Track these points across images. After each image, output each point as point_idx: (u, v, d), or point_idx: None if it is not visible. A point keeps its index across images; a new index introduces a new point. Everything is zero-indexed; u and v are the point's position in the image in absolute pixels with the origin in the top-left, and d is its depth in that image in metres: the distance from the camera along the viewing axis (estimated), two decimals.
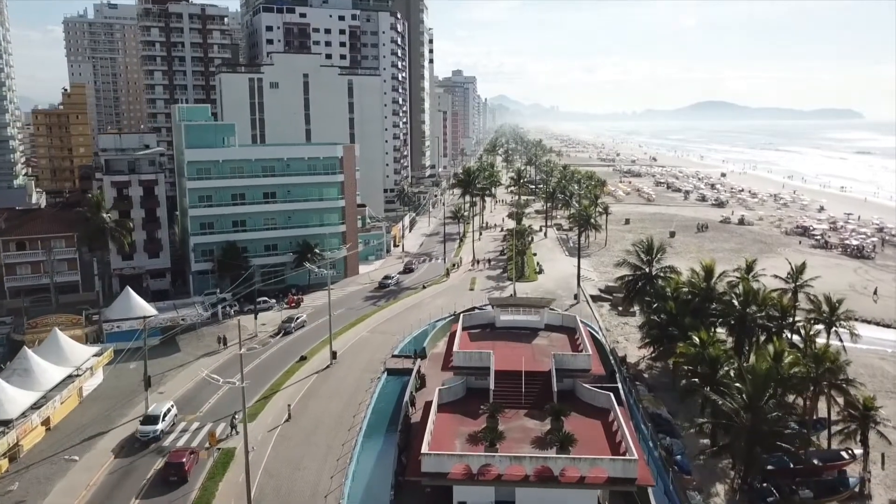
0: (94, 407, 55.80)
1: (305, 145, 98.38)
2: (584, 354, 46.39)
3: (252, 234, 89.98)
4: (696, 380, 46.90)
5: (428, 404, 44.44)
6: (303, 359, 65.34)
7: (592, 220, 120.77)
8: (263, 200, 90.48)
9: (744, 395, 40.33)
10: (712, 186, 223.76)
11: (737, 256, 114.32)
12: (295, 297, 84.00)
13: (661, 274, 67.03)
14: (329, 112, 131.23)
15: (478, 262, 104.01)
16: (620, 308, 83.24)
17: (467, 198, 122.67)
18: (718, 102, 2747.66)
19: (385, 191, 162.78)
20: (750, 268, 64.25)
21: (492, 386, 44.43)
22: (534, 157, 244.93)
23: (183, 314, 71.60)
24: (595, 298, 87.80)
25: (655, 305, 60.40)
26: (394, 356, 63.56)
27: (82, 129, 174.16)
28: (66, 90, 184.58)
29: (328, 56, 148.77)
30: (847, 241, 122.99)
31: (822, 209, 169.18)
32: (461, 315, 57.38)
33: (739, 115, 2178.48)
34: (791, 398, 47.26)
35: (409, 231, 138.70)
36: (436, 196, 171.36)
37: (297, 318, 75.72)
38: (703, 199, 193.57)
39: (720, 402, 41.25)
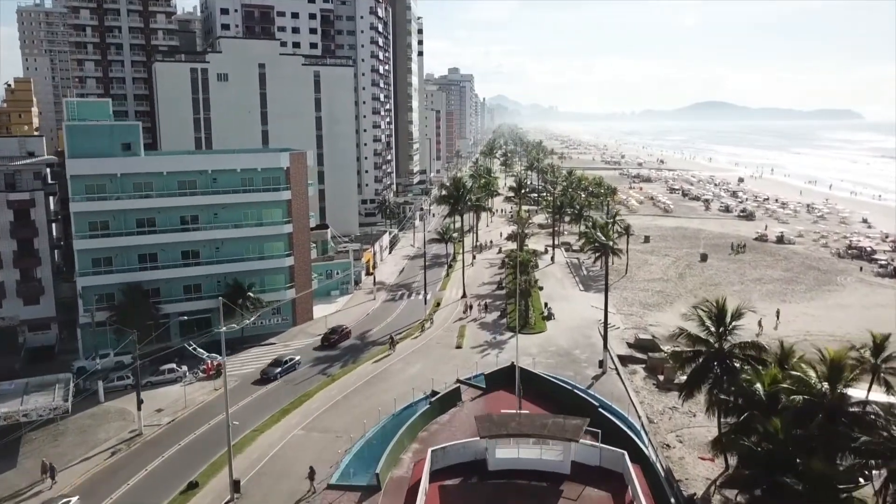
0: None
1: (238, 153, 75.54)
2: None
3: (165, 273, 67.22)
4: None
5: None
6: (193, 486, 42.54)
7: (612, 244, 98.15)
8: (181, 227, 67.72)
9: None
10: (734, 194, 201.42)
11: (792, 291, 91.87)
12: (213, 364, 61.03)
13: (739, 352, 44.32)
14: (291, 110, 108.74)
15: (469, 307, 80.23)
16: (661, 378, 60.73)
17: (456, 217, 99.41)
18: (717, 102, 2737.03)
19: (364, 202, 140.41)
20: (880, 347, 41.60)
21: None
22: (535, 160, 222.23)
23: (30, 407, 48.66)
24: (624, 360, 65.16)
25: (745, 416, 37.71)
26: (330, 486, 40.96)
27: (27, 128, 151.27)
28: (9, 85, 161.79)
29: (296, 45, 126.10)
30: None
31: (867, 224, 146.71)
32: (430, 451, 34.64)
33: (739, 116, 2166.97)
34: None
35: (389, 252, 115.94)
36: (422, 209, 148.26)
37: None
38: (726, 209, 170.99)
39: None
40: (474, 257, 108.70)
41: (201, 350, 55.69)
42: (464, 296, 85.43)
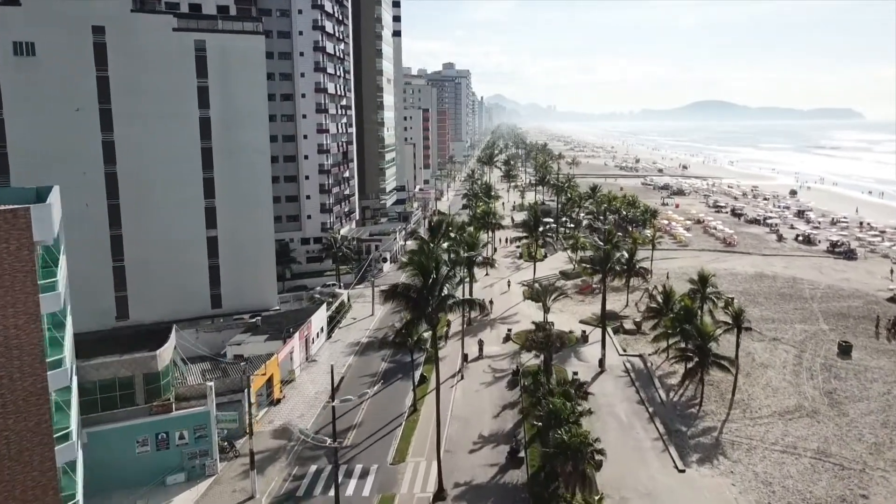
0: None
1: None
2: None
3: None
4: None
5: None
6: None
7: (714, 348, 53.76)
8: None
9: None
10: (801, 214, 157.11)
11: None
12: None
13: None
14: (156, 106, 64.32)
15: None
16: None
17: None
18: (717, 102, 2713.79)
19: (305, 241, 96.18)
20: None
21: None
22: (546, 170, 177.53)
23: None
24: None
25: None
26: None
27: None
28: None
29: (194, 8, 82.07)
30: None
31: None
32: None
33: (739, 115, 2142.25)
34: None
35: (328, 338, 71.28)
36: (385, 258, 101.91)
37: None
38: (807, 240, 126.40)
39: None
40: (466, 360, 63.55)
41: None
42: (438, 488, 40.83)
